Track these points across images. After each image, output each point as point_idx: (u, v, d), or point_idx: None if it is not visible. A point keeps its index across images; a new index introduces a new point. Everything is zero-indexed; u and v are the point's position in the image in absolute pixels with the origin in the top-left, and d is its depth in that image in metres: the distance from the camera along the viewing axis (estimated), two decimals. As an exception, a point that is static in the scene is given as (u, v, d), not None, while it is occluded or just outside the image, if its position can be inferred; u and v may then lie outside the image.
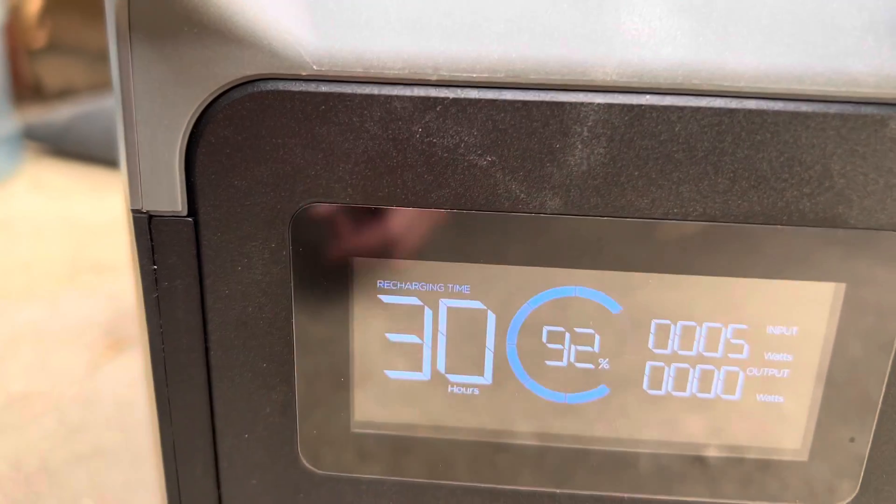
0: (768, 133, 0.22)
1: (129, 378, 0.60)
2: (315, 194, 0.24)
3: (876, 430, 0.25)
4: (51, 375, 0.59)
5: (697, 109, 0.22)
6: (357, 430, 0.27)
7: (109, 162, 1.02)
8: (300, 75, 0.23)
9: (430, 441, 0.27)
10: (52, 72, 1.21)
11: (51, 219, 0.88)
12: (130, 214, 0.25)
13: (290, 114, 0.23)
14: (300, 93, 0.23)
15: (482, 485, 0.27)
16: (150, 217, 0.24)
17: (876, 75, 0.22)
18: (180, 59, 0.23)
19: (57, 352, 0.63)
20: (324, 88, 0.23)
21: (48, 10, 1.18)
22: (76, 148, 1.04)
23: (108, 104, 1.03)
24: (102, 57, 1.14)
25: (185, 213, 0.24)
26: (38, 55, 1.20)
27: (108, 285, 0.75)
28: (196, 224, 0.24)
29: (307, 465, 0.27)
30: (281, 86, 0.23)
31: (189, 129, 0.23)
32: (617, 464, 0.26)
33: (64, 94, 1.19)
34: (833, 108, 0.22)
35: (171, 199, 0.24)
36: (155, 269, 0.25)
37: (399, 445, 0.27)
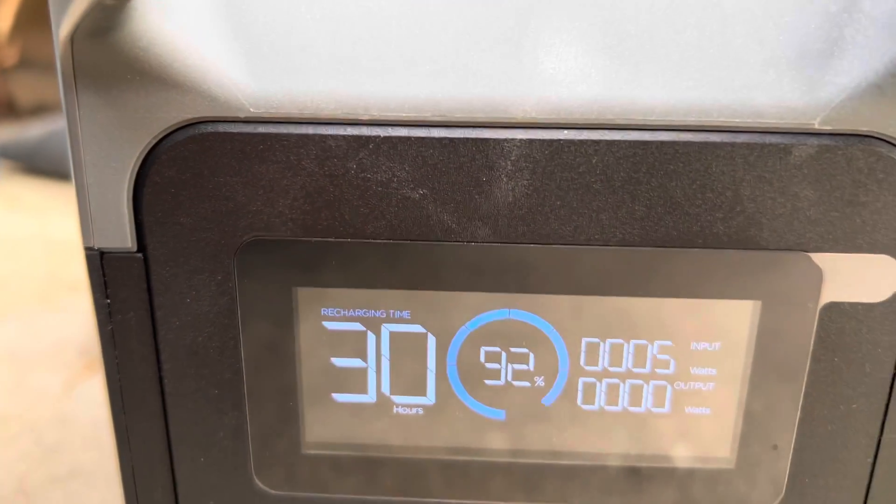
0: (680, 163, 0.24)
1: (106, 398, 0.60)
2: (257, 228, 0.25)
3: (797, 437, 0.27)
4: (26, 396, 0.60)
5: (612, 142, 0.23)
6: (308, 452, 0.28)
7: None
8: (238, 117, 0.24)
9: (378, 460, 0.28)
10: (24, 89, 1.21)
11: (26, 237, 0.88)
12: (83, 252, 0.26)
13: (231, 154, 0.24)
14: (239, 134, 0.24)
15: (429, 500, 0.28)
16: (102, 254, 0.25)
17: (778, 106, 0.23)
18: (125, 104, 0.24)
19: (32, 372, 0.63)
20: (261, 129, 0.24)
21: (19, 26, 1.18)
22: (50, 165, 1.04)
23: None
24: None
25: (134, 249, 0.25)
26: (10, 72, 1.20)
27: (84, 304, 0.75)
28: (146, 259, 0.25)
29: (261, 485, 0.28)
30: (221, 128, 0.24)
31: (135, 170, 0.24)
32: (555, 476, 0.28)
33: (37, 111, 1.19)
34: (740, 138, 0.23)
35: (121, 236, 0.25)
36: (108, 303, 0.26)
37: (348, 465, 0.28)
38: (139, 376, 0.27)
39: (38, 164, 1.05)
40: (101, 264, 0.26)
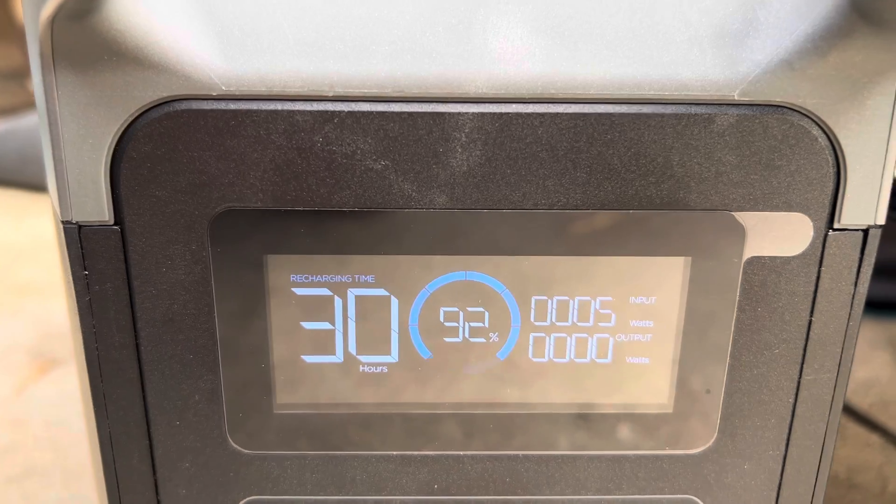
0: (616, 132, 0.26)
1: (58, 398, 0.60)
2: (229, 200, 0.27)
3: (727, 382, 0.30)
4: (-24, 399, 0.59)
5: (556, 115, 0.26)
6: (279, 412, 0.30)
7: (25, 184, 1.01)
8: (211, 95, 0.25)
9: (346, 416, 0.30)
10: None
11: (-29, 242, 0.87)
12: (61, 226, 0.27)
13: (204, 130, 0.26)
14: (212, 111, 0.26)
15: (395, 452, 0.30)
16: (80, 227, 0.27)
17: (701, 80, 0.26)
18: (102, 83, 0.25)
19: (-19, 375, 0.63)
20: (232, 106, 0.26)
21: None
22: (-8, 170, 1.03)
23: (21, 126, 1.02)
24: (13, 77, 1.13)
25: (111, 222, 0.27)
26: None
27: (31, 307, 0.75)
28: (122, 231, 0.27)
29: (235, 445, 0.30)
30: (194, 105, 0.26)
31: (112, 146, 0.26)
32: (510, 426, 0.30)
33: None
34: (668, 109, 0.26)
35: (99, 210, 0.27)
36: (86, 275, 0.27)
37: (318, 422, 0.30)
38: (116, 344, 0.28)
39: (-23, 168, 1.04)
40: (78, 237, 0.27)
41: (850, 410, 0.57)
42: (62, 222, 0.27)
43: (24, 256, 0.85)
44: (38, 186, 0.96)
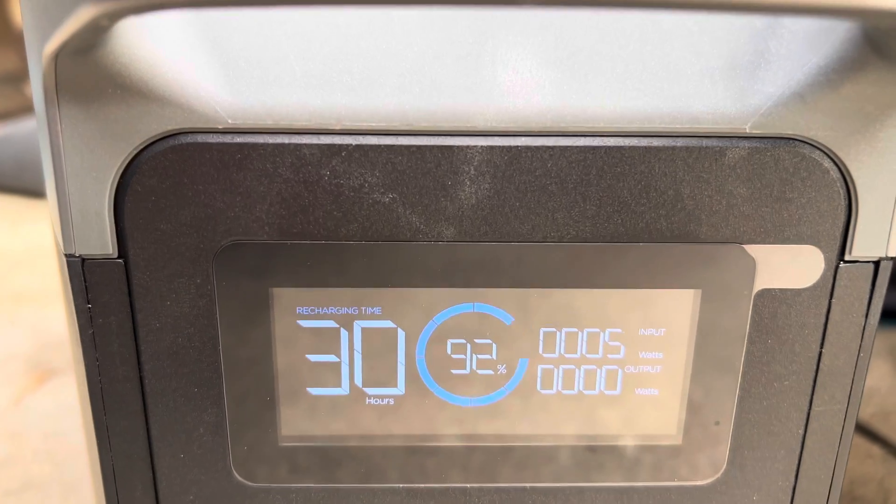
0: (626, 165, 0.26)
1: (56, 409, 0.60)
2: (235, 233, 0.26)
3: (736, 414, 0.29)
4: (-27, 411, 0.59)
5: (566, 148, 0.26)
6: (285, 444, 0.29)
7: (21, 190, 1.00)
8: (217, 128, 0.25)
9: (352, 449, 0.30)
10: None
11: (-35, 250, 0.87)
12: (64, 259, 0.27)
13: (210, 163, 0.25)
14: (217, 144, 0.25)
15: (401, 485, 0.30)
16: (83, 260, 0.27)
17: (713, 113, 0.26)
18: (106, 117, 0.25)
19: (-23, 386, 0.62)
20: (238, 139, 0.25)
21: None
22: (-13, 178, 1.02)
23: (18, 131, 1.02)
24: (10, 81, 1.12)
25: (115, 255, 0.27)
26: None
27: (28, 315, 0.74)
28: (126, 265, 0.27)
29: (240, 478, 0.30)
30: (200, 138, 0.25)
31: (117, 179, 0.26)
32: (518, 457, 0.30)
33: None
34: (679, 142, 0.26)
35: (103, 243, 0.26)
36: (90, 308, 0.27)
37: (324, 455, 0.30)
38: (120, 377, 0.28)
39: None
40: (82, 270, 0.27)
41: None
42: (65, 255, 0.27)
43: (21, 264, 0.84)
44: (35, 192, 0.96)
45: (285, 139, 0.25)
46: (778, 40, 0.26)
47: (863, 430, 0.56)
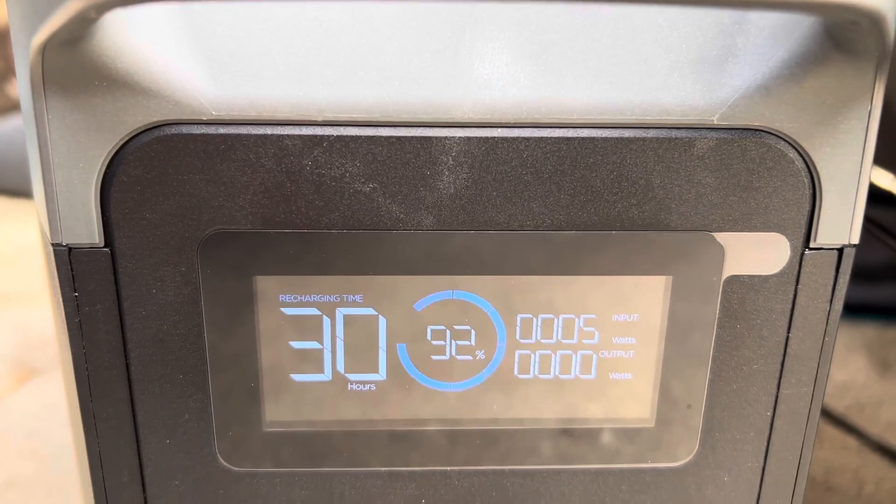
0: (599, 156, 0.27)
1: (38, 408, 0.60)
2: (219, 222, 0.27)
3: (707, 397, 0.30)
4: (-44, 409, 0.59)
5: (541, 139, 0.27)
6: (268, 430, 0.30)
7: (3, 190, 1.00)
8: (201, 120, 0.26)
9: (335, 434, 0.30)
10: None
11: (-54, 249, 0.86)
12: (51, 248, 0.27)
13: (194, 154, 0.26)
14: (202, 135, 0.26)
15: (383, 468, 0.31)
16: (70, 249, 0.27)
17: (682, 105, 0.27)
18: (93, 108, 0.25)
19: (-41, 385, 0.62)
20: (222, 130, 0.26)
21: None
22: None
23: (0, 131, 1.01)
24: (-10, 81, 1.12)
25: (102, 244, 0.27)
26: None
27: (10, 315, 0.74)
28: (113, 253, 0.27)
29: (225, 463, 0.30)
30: (184, 129, 0.26)
31: (103, 170, 0.26)
32: (497, 441, 0.31)
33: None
34: (650, 133, 0.27)
35: (89, 232, 0.27)
36: (76, 296, 0.28)
37: (307, 440, 0.30)
38: (107, 365, 0.28)
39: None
40: (69, 259, 0.27)
41: (826, 413, 0.58)
42: (52, 245, 0.27)
43: (2, 263, 0.84)
44: (17, 192, 0.95)
45: (268, 130, 0.26)
46: (744, 36, 0.27)
47: (839, 421, 0.57)
